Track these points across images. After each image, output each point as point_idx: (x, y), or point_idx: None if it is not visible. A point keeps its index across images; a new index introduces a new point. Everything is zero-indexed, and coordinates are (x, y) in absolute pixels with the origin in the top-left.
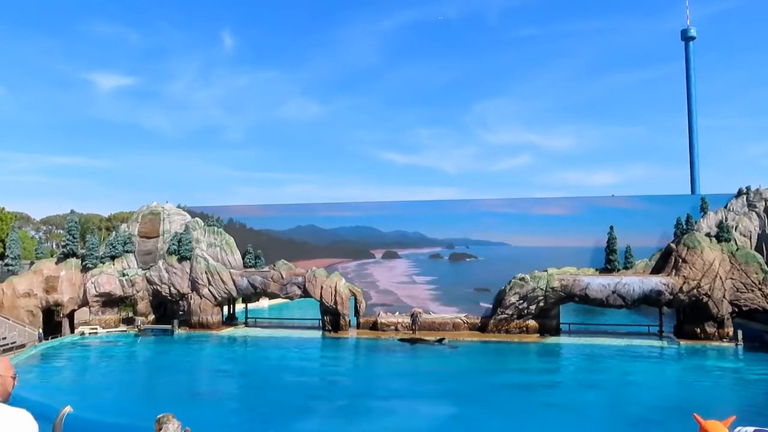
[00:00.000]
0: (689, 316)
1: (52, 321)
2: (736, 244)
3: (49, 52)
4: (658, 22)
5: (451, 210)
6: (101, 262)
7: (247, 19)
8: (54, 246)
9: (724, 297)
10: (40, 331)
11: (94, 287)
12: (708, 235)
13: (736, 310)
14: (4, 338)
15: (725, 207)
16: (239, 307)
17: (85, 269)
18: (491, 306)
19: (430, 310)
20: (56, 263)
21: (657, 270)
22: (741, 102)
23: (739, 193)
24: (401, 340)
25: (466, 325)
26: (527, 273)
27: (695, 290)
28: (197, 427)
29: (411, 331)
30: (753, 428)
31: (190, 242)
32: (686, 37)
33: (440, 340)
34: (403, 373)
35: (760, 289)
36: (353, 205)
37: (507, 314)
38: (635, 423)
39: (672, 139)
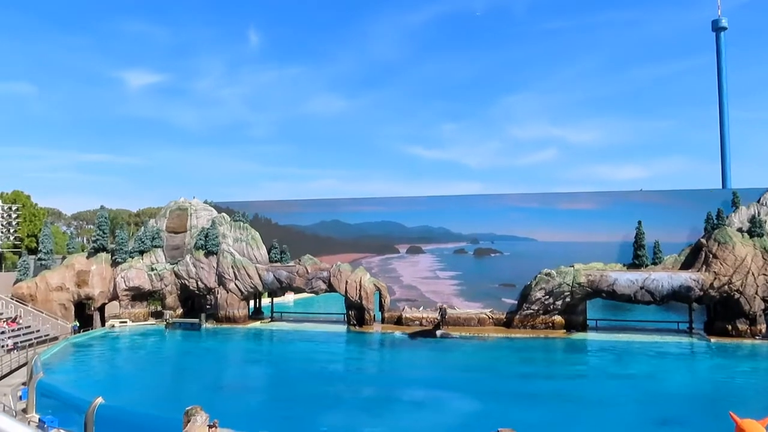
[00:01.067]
0: (720, 312)
1: (83, 314)
2: None
3: (79, 50)
4: (688, 12)
5: (476, 205)
6: (130, 257)
7: (273, 15)
8: (84, 241)
9: (756, 293)
10: (75, 323)
11: (124, 281)
12: (740, 230)
13: None
14: (38, 330)
15: (758, 201)
16: (265, 301)
17: (114, 264)
18: (515, 302)
19: (455, 306)
20: (87, 258)
21: (687, 266)
22: None
23: None
24: (410, 334)
25: (491, 320)
26: (553, 268)
27: (726, 286)
28: (224, 420)
29: (438, 326)
30: None
31: (216, 237)
32: (717, 28)
33: (439, 333)
34: (428, 367)
35: None
36: (378, 200)
37: (533, 310)
38: (664, 421)
39: (703, 133)
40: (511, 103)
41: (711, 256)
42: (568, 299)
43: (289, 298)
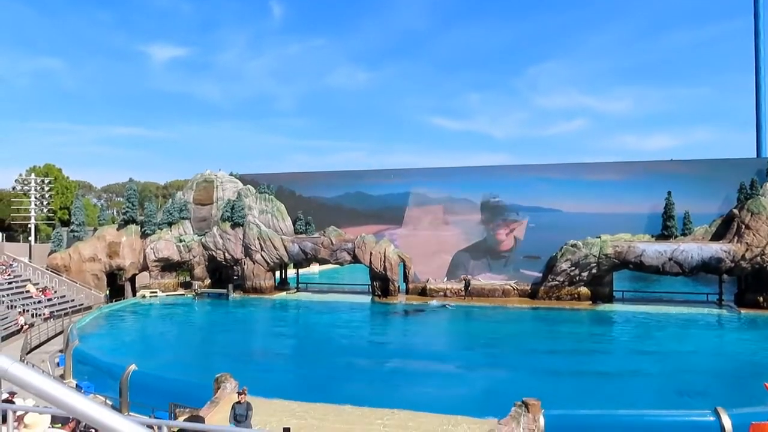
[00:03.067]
0: (751, 284)
1: (115, 284)
2: None
3: (105, 25)
4: None
5: (501, 175)
6: (159, 229)
7: None
8: (114, 213)
9: None
10: (107, 293)
11: (153, 252)
12: None
13: None
14: (73, 300)
15: None
16: (291, 272)
17: (144, 235)
18: (539, 274)
19: (479, 277)
20: (117, 229)
21: (717, 237)
22: None
23: None
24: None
25: (516, 291)
26: (579, 240)
27: (759, 257)
28: (253, 387)
29: (463, 297)
30: None
31: (242, 209)
32: None
33: (443, 305)
34: (452, 337)
35: None
36: (401, 171)
37: (558, 281)
38: (689, 392)
39: (738, 100)
40: (538, 73)
41: (743, 226)
42: (594, 271)
43: (315, 269)
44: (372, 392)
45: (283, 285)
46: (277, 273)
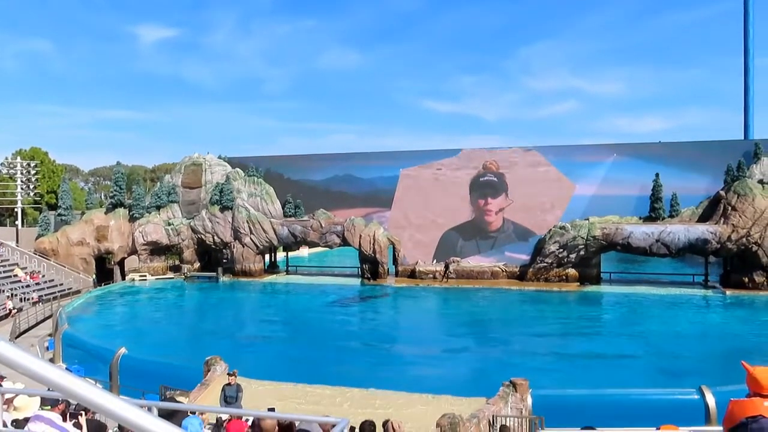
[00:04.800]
0: (737, 265)
1: (104, 268)
2: None
3: (93, 5)
4: None
5: (490, 157)
6: (147, 212)
7: None
8: (102, 197)
9: None
10: (94, 277)
11: (142, 236)
12: (761, 181)
13: None
14: (61, 284)
15: None
16: (280, 255)
17: (132, 219)
18: (524, 257)
19: (469, 259)
20: (105, 213)
21: (704, 218)
22: None
23: None
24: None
25: (504, 273)
26: (568, 222)
27: (744, 239)
28: (243, 369)
29: (445, 279)
30: None
31: (231, 192)
32: None
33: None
34: (440, 318)
35: None
36: (390, 154)
37: (546, 263)
38: (675, 372)
39: (728, 82)
40: (529, 55)
41: (730, 208)
42: (582, 252)
43: (304, 252)
44: (362, 374)
45: (272, 268)
46: (267, 256)
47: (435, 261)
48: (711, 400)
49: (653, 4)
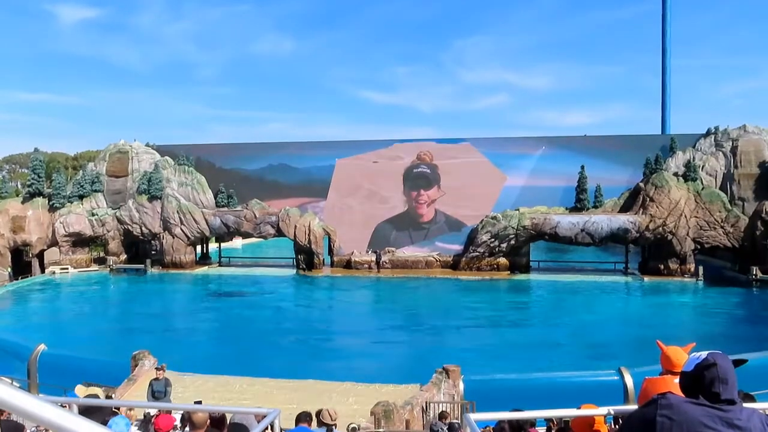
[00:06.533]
0: (654, 253)
1: (20, 261)
2: (701, 183)
3: None
4: None
5: (424, 148)
6: (69, 202)
7: None
8: (18, 185)
9: (687, 235)
10: (9, 270)
11: (63, 227)
12: (675, 174)
13: (698, 247)
14: None
15: (693, 147)
16: (213, 246)
17: (52, 209)
18: (460, 247)
19: (404, 249)
20: (22, 203)
21: (625, 209)
22: (716, 42)
23: (707, 133)
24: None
25: (438, 263)
26: (499, 212)
27: (661, 228)
28: (172, 363)
29: (376, 270)
30: (707, 352)
31: (160, 181)
32: None
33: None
34: (375, 308)
35: (722, 227)
36: (325, 144)
37: (479, 252)
38: (597, 354)
39: (649, 79)
40: (463, 47)
41: (648, 199)
42: (512, 242)
43: (237, 243)
44: (296, 365)
45: (204, 259)
46: (198, 247)
47: (369, 251)
48: (629, 380)
49: (580, 1)
